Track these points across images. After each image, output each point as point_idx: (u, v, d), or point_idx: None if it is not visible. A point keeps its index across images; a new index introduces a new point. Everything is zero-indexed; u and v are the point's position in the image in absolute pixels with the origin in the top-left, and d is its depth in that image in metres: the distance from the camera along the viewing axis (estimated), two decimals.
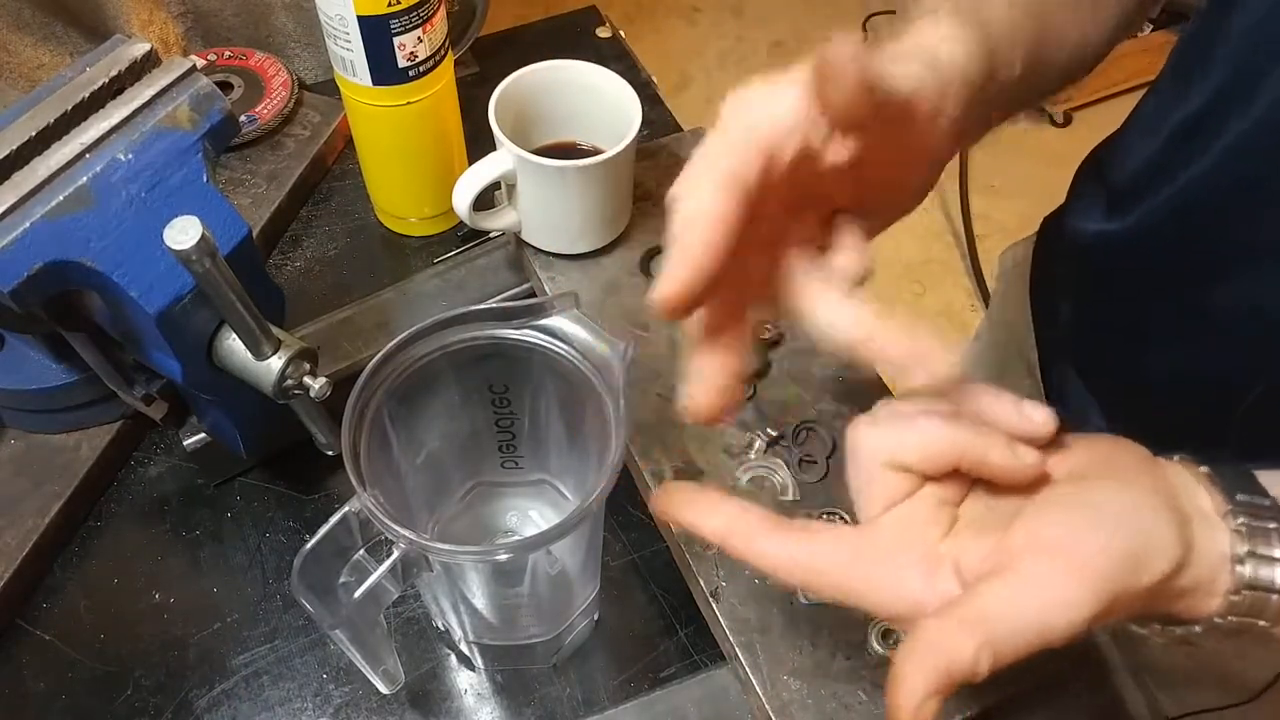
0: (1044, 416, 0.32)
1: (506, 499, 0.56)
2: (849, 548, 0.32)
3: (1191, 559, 0.30)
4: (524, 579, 0.47)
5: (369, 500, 0.39)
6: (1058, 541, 0.30)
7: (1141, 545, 0.30)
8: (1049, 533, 0.30)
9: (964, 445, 0.32)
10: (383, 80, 0.61)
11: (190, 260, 0.40)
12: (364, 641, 0.43)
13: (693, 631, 0.54)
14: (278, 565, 0.57)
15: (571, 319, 0.44)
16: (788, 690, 0.46)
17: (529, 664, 0.53)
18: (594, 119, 0.63)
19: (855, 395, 0.56)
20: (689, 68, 2.26)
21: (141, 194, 0.46)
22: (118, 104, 0.48)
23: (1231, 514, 0.31)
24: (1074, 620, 0.28)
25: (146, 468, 0.61)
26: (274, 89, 0.76)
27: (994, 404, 0.33)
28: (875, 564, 0.32)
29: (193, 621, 0.55)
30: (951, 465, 0.32)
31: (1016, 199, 1.96)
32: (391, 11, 0.57)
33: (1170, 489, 0.32)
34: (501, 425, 0.51)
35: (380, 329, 0.62)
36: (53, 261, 0.43)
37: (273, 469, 0.61)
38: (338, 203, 0.75)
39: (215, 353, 0.49)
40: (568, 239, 0.62)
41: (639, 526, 0.58)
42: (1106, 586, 0.29)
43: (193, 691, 0.53)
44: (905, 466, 0.33)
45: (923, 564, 0.32)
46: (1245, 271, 0.47)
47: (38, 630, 0.55)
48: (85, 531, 0.58)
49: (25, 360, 0.56)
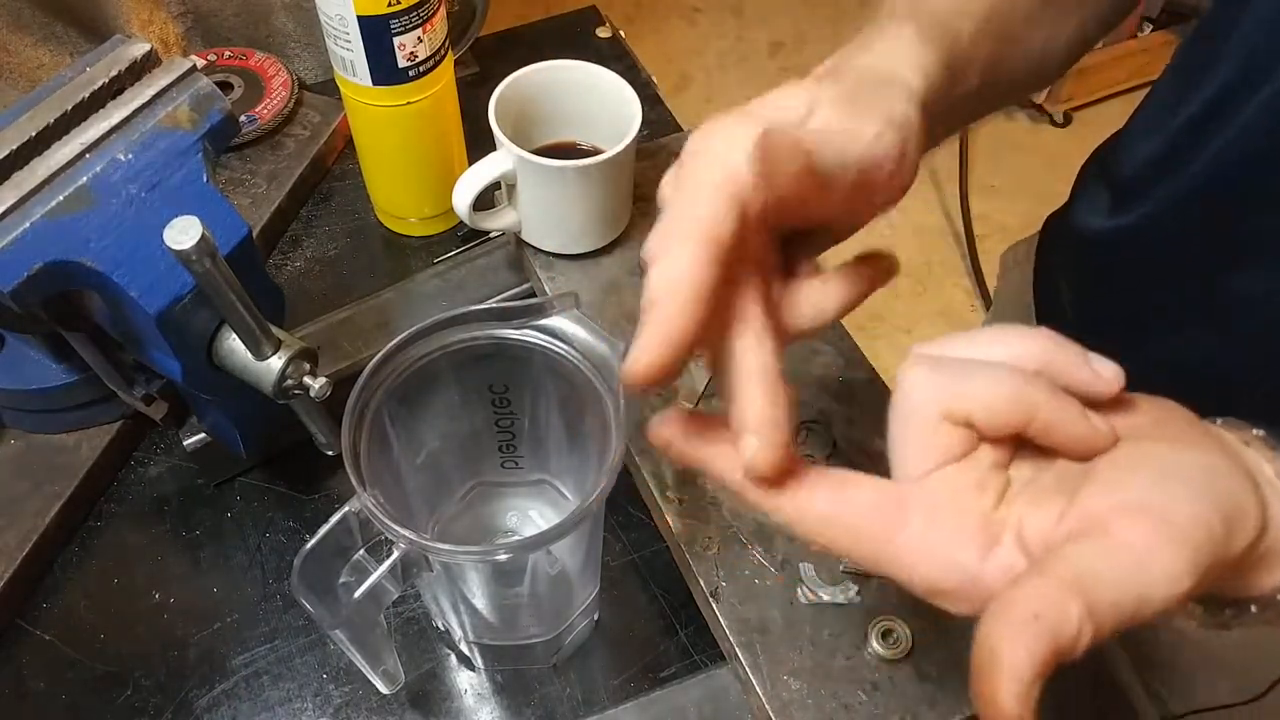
0: (1113, 372, 0.30)
1: (506, 499, 0.56)
2: (892, 505, 0.29)
3: (1270, 523, 0.28)
4: (524, 579, 0.47)
5: (369, 500, 0.39)
6: (1152, 506, 0.26)
7: (1232, 510, 0.27)
8: (1140, 496, 0.27)
9: (1038, 406, 0.28)
10: (383, 80, 0.61)
11: (190, 260, 0.40)
12: (364, 641, 0.43)
13: (693, 631, 0.54)
14: (278, 565, 0.57)
15: (571, 319, 0.44)
16: (788, 690, 0.46)
17: (529, 664, 0.53)
18: (594, 119, 0.63)
19: (855, 395, 0.56)
20: (689, 68, 2.26)
21: (141, 194, 0.46)
22: (118, 104, 0.48)
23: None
24: (1173, 592, 0.25)
25: (146, 468, 0.61)
26: (274, 89, 0.76)
27: (1060, 354, 0.30)
28: (924, 528, 0.28)
29: (193, 621, 0.55)
30: (1020, 427, 0.28)
31: (1016, 199, 1.96)
32: (391, 11, 0.57)
33: (1235, 452, 0.30)
34: (501, 425, 0.51)
35: (380, 329, 0.62)
36: (53, 261, 0.43)
37: (273, 469, 0.61)
38: (338, 203, 0.75)
39: (215, 353, 0.49)
40: (568, 239, 0.62)
41: (639, 526, 0.58)
42: (1204, 555, 0.26)
43: (193, 691, 0.53)
44: (968, 421, 0.29)
45: (979, 532, 0.28)
46: (1251, 265, 0.47)
47: (38, 630, 0.55)
48: (85, 531, 0.58)
49: (25, 360, 0.56)
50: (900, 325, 1.81)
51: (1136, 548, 0.26)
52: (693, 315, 0.28)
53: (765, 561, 0.50)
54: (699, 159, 0.31)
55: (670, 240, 0.29)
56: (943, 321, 1.83)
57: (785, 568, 0.50)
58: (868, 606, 0.48)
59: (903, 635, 0.47)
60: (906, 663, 0.47)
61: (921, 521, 0.28)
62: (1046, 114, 2.09)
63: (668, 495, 0.52)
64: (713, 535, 0.51)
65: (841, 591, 0.49)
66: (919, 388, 0.30)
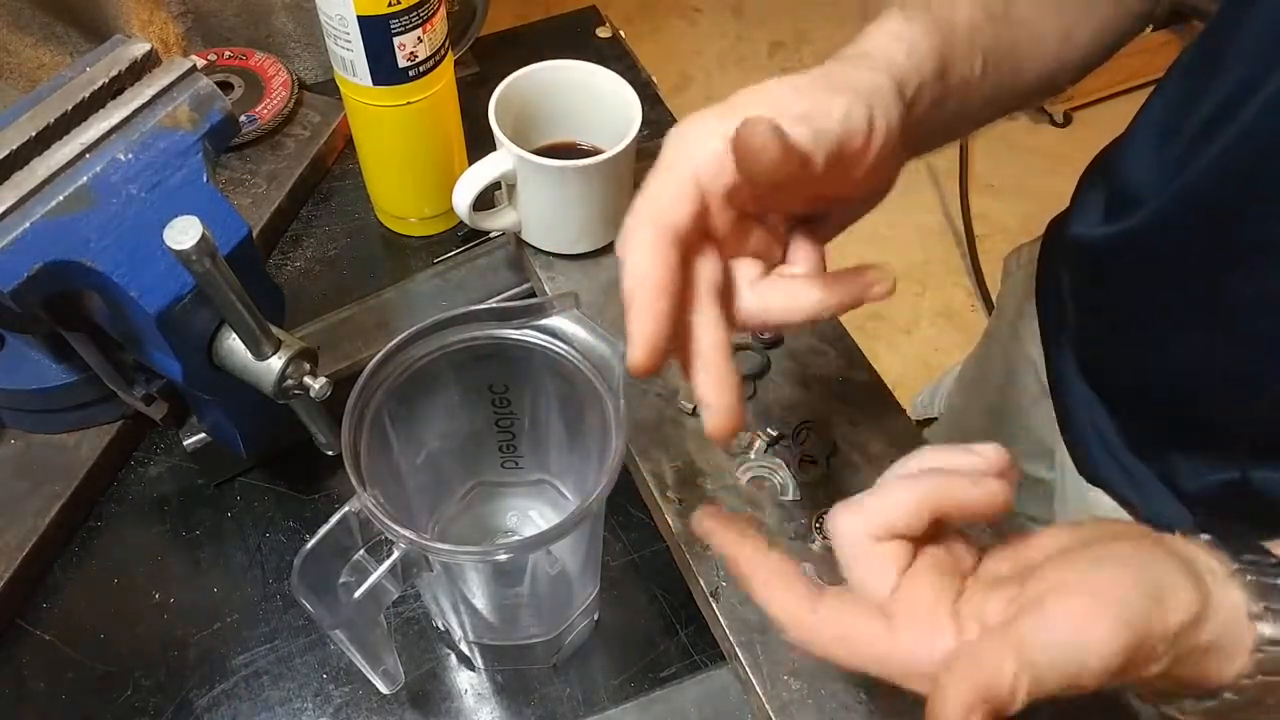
0: (993, 450, 0.34)
1: (506, 499, 0.56)
2: (881, 615, 0.33)
3: (1209, 612, 0.31)
4: (524, 579, 0.47)
5: (369, 500, 0.39)
6: (1083, 583, 0.30)
7: (1163, 587, 0.30)
8: (1073, 577, 0.31)
9: (935, 490, 0.33)
10: (383, 80, 0.61)
11: (190, 260, 0.40)
12: (364, 641, 0.43)
13: (693, 631, 0.54)
14: (278, 565, 0.57)
15: (571, 319, 0.44)
16: (788, 690, 0.46)
17: (529, 664, 0.53)
18: (594, 119, 0.63)
19: (855, 395, 0.56)
20: (689, 68, 2.26)
21: (141, 194, 0.46)
22: (118, 104, 0.48)
23: (1240, 572, 0.32)
24: (1107, 656, 0.29)
25: (146, 468, 0.61)
26: (274, 89, 0.76)
27: (945, 456, 0.35)
28: (907, 629, 0.32)
29: (193, 621, 0.55)
30: (932, 514, 0.33)
31: (1016, 199, 1.96)
32: (391, 11, 0.57)
33: (1180, 552, 0.33)
34: (501, 425, 0.51)
35: (380, 329, 0.62)
36: (53, 261, 0.43)
37: (273, 469, 0.61)
38: (338, 203, 0.75)
39: (215, 353, 0.49)
40: (568, 239, 0.62)
41: (639, 526, 0.58)
42: (1134, 623, 0.29)
43: (193, 691, 0.53)
44: (892, 531, 0.33)
45: (951, 622, 0.32)
46: (1255, 269, 0.47)
47: (38, 630, 0.55)
48: (85, 531, 0.58)
49: (25, 360, 0.56)
50: (900, 325, 1.81)
51: (1069, 615, 0.29)
52: (661, 309, 0.33)
53: None
54: (670, 150, 0.35)
55: (634, 227, 0.34)
56: (943, 321, 1.83)
57: None
58: None
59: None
60: None
61: (905, 623, 0.33)
62: (1046, 114, 2.10)
63: (668, 495, 0.52)
64: None
65: None
66: (845, 525, 0.34)
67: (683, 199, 0.34)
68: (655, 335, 0.33)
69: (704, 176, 0.34)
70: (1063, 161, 2.03)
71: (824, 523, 0.50)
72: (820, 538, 0.50)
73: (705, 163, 0.34)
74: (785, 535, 0.51)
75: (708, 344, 0.34)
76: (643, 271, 0.33)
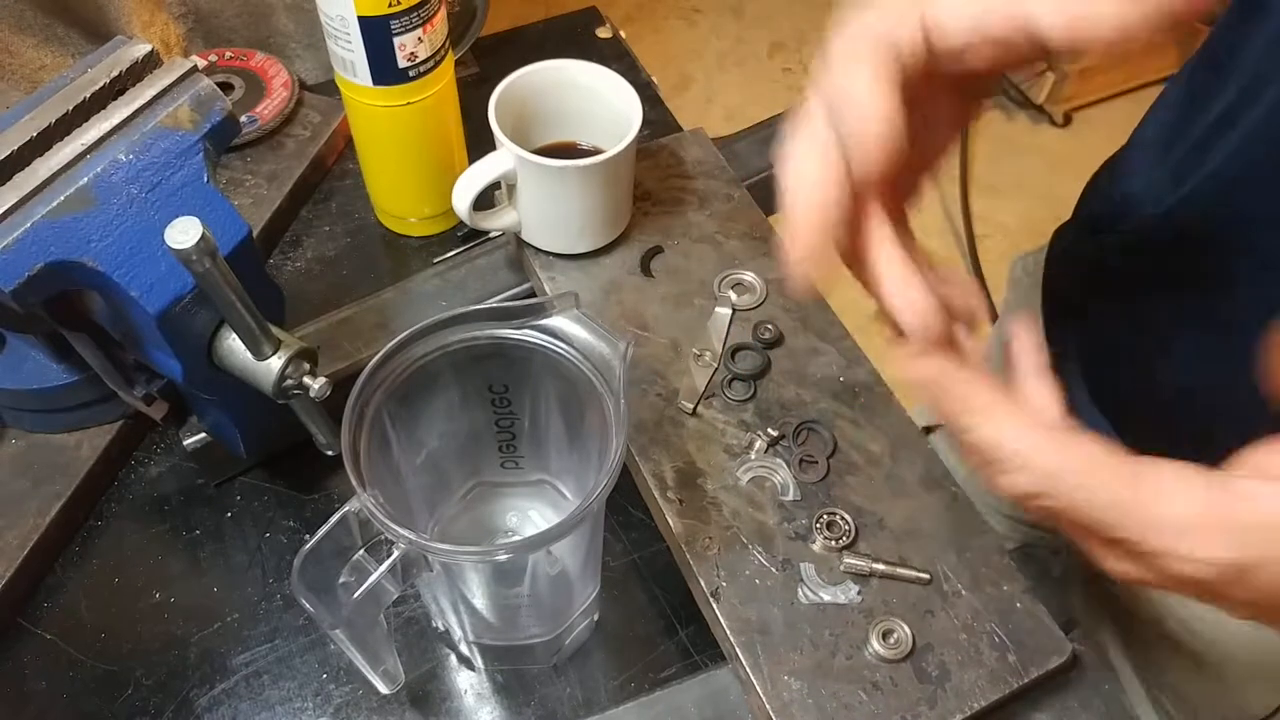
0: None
1: (506, 499, 0.56)
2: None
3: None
4: (524, 579, 0.47)
5: (369, 500, 0.39)
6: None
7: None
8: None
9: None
10: (383, 80, 0.61)
11: (190, 260, 0.40)
12: (364, 641, 0.43)
13: (693, 631, 0.54)
14: (278, 565, 0.57)
15: (571, 319, 0.44)
16: (788, 690, 0.46)
17: (529, 664, 0.53)
18: (594, 119, 0.63)
19: (855, 395, 0.56)
20: (689, 68, 2.26)
21: (142, 194, 0.47)
22: (119, 105, 0.48)
23: None
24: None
25: (147, 468, 0.61)
26: (275, 89, 0.76)
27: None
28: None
29: (193, 621, 0.55)
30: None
31: (1016, 199, 1.96)
32: (392, 12, 0.57)
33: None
34: (501, 425, 0.51)
35: (380, 329, 0.62)
36: (54, 261, 0.43)
37: (273, 469, 0.61)
38: (338, 203, 0.75)
39: (215, 353, 0.49)
40: (568, 239, 0.62)
41: (639, 526, 0.58)
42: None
43: (193, 691, 0.53)
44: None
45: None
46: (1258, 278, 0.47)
47: (39, 630, 0.55)
48: (86, 531, 0.58)
49: (26, 360, 0.56)
50: None
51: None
52: (830, 217, 0.33)
53: (766, 561, 0.50)
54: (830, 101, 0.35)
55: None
56: None
57: (785, 568, 0.50)
58: (868, 606, 0.48)
59: (903, 635, 0.47)
60: (906, 663, 0.47)
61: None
62: (1047, 114, 2.10)
63: (668, 495, 0.52)
64: (713, 535, 0.51)
65: (842, 591, 0.49)
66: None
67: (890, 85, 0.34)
68: (816, 240, 0.33)
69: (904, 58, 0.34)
70: (1063, 161, 2.03)
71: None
72: (821, 538, 0.50)
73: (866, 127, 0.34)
74: (785, 535, 0.51)
75: (887, 257, 0.34)
76: (810, 178, 0.33)
